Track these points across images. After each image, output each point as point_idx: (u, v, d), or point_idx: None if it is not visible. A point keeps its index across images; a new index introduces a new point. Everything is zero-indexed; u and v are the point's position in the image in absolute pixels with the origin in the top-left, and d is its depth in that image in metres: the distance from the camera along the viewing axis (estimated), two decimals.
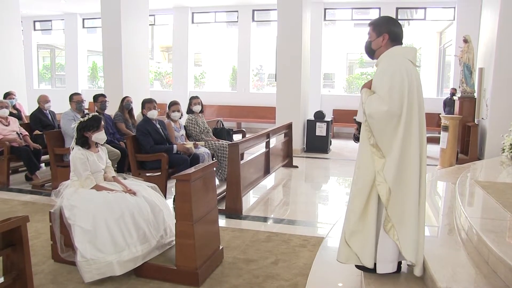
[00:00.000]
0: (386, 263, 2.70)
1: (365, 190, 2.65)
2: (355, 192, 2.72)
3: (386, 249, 2.68)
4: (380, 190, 2.58)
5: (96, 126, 3.63)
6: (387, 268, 2.71)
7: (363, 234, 2.68)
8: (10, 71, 9.74)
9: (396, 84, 2.55)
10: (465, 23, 10.56)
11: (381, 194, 2.58)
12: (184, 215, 3.12)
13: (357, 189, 2.70)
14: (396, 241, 2.60)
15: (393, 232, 2.60)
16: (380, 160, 2.59)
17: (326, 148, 9.21)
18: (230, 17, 14.18)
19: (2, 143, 6.02)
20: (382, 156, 2.58)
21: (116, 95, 7.80)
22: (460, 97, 8.25)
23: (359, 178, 2.70)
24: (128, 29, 9.40)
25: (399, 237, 2.60)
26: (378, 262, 2.70)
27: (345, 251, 2.76)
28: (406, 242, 2.59)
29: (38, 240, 3.95)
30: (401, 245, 2.60)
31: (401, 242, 2.60)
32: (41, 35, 16.84)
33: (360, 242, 2.70)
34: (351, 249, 2.73)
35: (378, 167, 2.59)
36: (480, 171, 5.82)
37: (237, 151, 4.97)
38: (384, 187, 2.57)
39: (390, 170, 2.55)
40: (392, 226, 2.60)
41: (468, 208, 3.77)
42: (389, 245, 2.66)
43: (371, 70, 15.44)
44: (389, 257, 2.69)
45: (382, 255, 2.69)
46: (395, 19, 2.86)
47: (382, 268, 2.71)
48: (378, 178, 2.58)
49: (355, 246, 2.71)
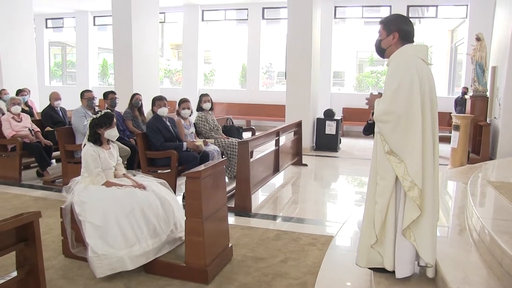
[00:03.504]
0: (404, 266, 2.67)
1: (388, 200, 2.61)
2: (381, 204, 2.62)
3: (404, 253, 2.64)
4: (412, 194, 2.50)
5: (109, 123, 3.66)
6: (405, 272, 2.67)
7: (385, 239, 2.66)
8: (23, 68, 9.88)
9: (405, 83, 2.50)
10: (478, 21, 10.41)
11: (414, 198, 2.50)
12: (194, 213, 3.13)
13: (383, 200, 2.61)
14: (413, 242, 2.58)
15: (409, 233, 2.58)
16: (399, 165, 2.52)
17: (336, 146, 9.18)
18: (240, 15, 14.17)
19: (14, 139, 6.09)
20: (400, 160, 2.52)
21: (126, 92, 7.83)
22: (472, 96, 8.16)
23: (384, 190, 2.61)
24: (139, 26, 9.44)
25: (416, 238, 2.57)
26: (397, 267, 2.66)
27: (367, 255, 2.74)
28: (424, 242, 2.57)
29: (49, 235, 3.99)
30: (418, 246, 2.58)
31: (418, 243, 2.57)
32: (53, 33, 16.99)
33: (381, 247, 2.68)
34: (374, 253, 2.71)
35: (400, 173, 2.52)
36: (492, 171, 5.75)
37: (246, 149, 4.96)
38: (416, 191, 2.50)
39: (417, 172, 2.49)
40: (408, 228, 2.58)
41: (480, 209, 3.73)
42: (406, 248, 2.63)
43: (381, 68, 15.33)
44: (407, 260, 2.66)
45: (400, 260, 2.65)
46: (406, 17, 2.81)
47: (401, 273, 2.67)
48: (406, 184, 2.51)
49: (380, 250, 2.69)
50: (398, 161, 2.53)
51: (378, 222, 2.63)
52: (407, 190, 2.52)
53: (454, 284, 2.44)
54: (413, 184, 2.50)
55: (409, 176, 2.50)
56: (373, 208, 2.67)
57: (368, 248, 2.72)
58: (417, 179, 2.49)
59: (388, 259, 2.66)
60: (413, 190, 2.50)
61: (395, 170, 2.54)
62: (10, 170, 6.19)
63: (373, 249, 2.70)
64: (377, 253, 2.70)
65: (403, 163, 2.52)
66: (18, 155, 6.11)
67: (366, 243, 2.73)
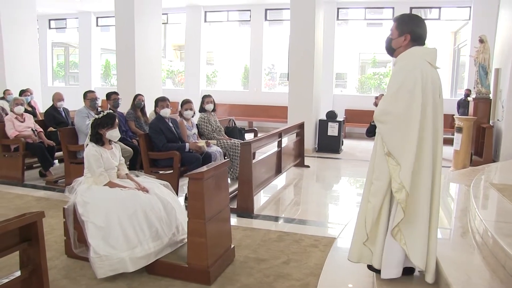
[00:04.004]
0: (390, 268, 2.67)
1: (381, 200, 2.62)
2: (374, 203, 2.62)
3: (392, 254, 2.64)
4: (399, 196, 2.49)
5: (111, 123, 3.66)
6: (391, 274, 2.68)
7: (376, 238, 2.67)
8: (26, 68, 9.92)
9: (406, 85, 2.49)
10: (481, 23, 10.39)
11: (400, 201, 2.48)
12: (197, 214, 3.13)
13: (377, 200, 2.61)
14: (403, 245, 2.56)
15: (400, 237, 2.56)
16: (395, 167, 2.51)
17: (338, 148, 9.17)
18: (242, 16, 14.19)
19: (17, 140, 6.11)
20: (397, 163, 2.50)
21: (128, 93, 7.85)
22: (474, 98, 8.14)
23: (378, 190, 2.61)
24: (141, 27, 9.46)
25: (406, 242, 2.56)
26: (383, 267, 2.67)
27: (358, 251, 2.76)
28: (415, 246, 2.55)
29: (51, 235, 3.99)
30: (408, 250, 2.56)
31: (408, 246, 2.56)
32: (56, 33, 17.04)
33: (373, 245, 2.69)
34: (366, 250, 2.72)
35: (393, 174, 2.51)
36: (495, 173, 5.74)
37: (249, 150, 4.97)
38: (403, 193, 2.47)
39: (407, 175, 2.47)
40: (399, 231, 2.56)
41: (482, 211, 3.72)
42: (395, 250, 2.63)
43: (383, 70, 15.32)
44: (394, 262, 2.66)
45: (386, 260, 2.66)
46: (421, 19, 2.74)
47: (386, 274, 2.68)
48: (395, 185, 2.50)
49: (371, 247, 2.71)
50: (395, 163, 2.51)
51: (370, 221, 2.63)
52: (395, 192, 2.51)
53: (456, 286, 2.43)
54: (401, 186, 2.48)
55: (399, 178, 2.48)
56: (366, 206, 2.69)
57: (361, 244, 2.73)
58: (405, 182, 2.47)
59: (377, 257, 2.68)
60: (400, 192, 2.48)
61: (391, 172, 2.52)
62: (13, 170, 6.21)
63: (365, 246, 2.72)
64: (369, 250, 2.72)
65: (399, 166, 2.50)
66: (21, 155, 6.12)
67: (359, 240, 2.75)
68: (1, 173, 6.31)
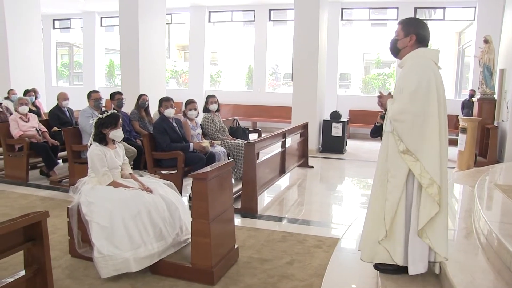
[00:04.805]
0: (417, 263, 2.70)
1: (399, 197, 2.66)
2: (392, 201, 2.67)
3: (417, 249, 2.68)
4: (431, 191, 2.54)
5: (114, 123, 3.67)
6: (419, 269, 2.71)
7: (395, 235, 2.70)
8: (30, 68, 9.96)
9: (424, 84, 2.57)
10: (486, 23, 10.33)
11: (434, 194, 2.54)
12: (201, 214, 3.13)
13: (394, 197, 2.66)
14: (429, 243, 2.61)
15: (424, 235, 2.61)
16: (415, 164, 2.58)
17: (342, 148, 9.15)
18: (246, 16, 14.18)
19: (22, 139, 6.13)
20: (416, 159, 2.58)
21: (132, 93, 7.85)
22: (479, 99, 8.11)
23: (395, 187, 2.66)
24: (145, 27, 9.48)
25: (430, 238, 2.60)
26: (410, 263, 2.70)
27: (371, 250, 2.78)
28: (439, 239, 2.60)
29: (55, 235, 4.01)
30: (434, 245, 2.60)
31: (433, 241, 2.60)
32: (60, 34, 17.09)
33: (390, 243, 2.71)
34: (381, 248, 2.74)
35: (417, 171, 2.57)
36: (499, 174, 5.71)
37: (253, 150, 4.96)
38: (435, 187, 2.54)
39: (435, 169, 2.54)
40: (423, 228, 2.60)
41: (487, 212, 3.70)
42: (419, 246, 2.67)
43: (387, 70, 15.28)
44: (421, 256, 2.69)
45: (413, 256, 2.69)
46: (424, 23, 2.85)
47: (414, 269, 2.71)
48: (425, 181, 2.55)
49: (387, 245, 2.72)
50: (414, 159, 2.58)
51: (389, 218, 2.67)
52: (426, 187, 2.56)
53: (461, 287, 2.42)
54: (432, 181, 2.54)
55: (428, 173, 2.54)
56: (380, 205, 2.72)
57: (374, 243, 2.76)
58: (436, 176, 2.54)
59: (399, 254, 2.69)
60: (432, 187, 2.54)
61: (412, 168, 2.59)
62: (17, 170, 6.23)
63: (380, 245, 2.74)
64: (384, 249, 2.74)
65: (419, 162, 2.57)
66: (25, 155, 6.15)
67: (373, 239, 2.77)
68: (5, 172, 6.34)
